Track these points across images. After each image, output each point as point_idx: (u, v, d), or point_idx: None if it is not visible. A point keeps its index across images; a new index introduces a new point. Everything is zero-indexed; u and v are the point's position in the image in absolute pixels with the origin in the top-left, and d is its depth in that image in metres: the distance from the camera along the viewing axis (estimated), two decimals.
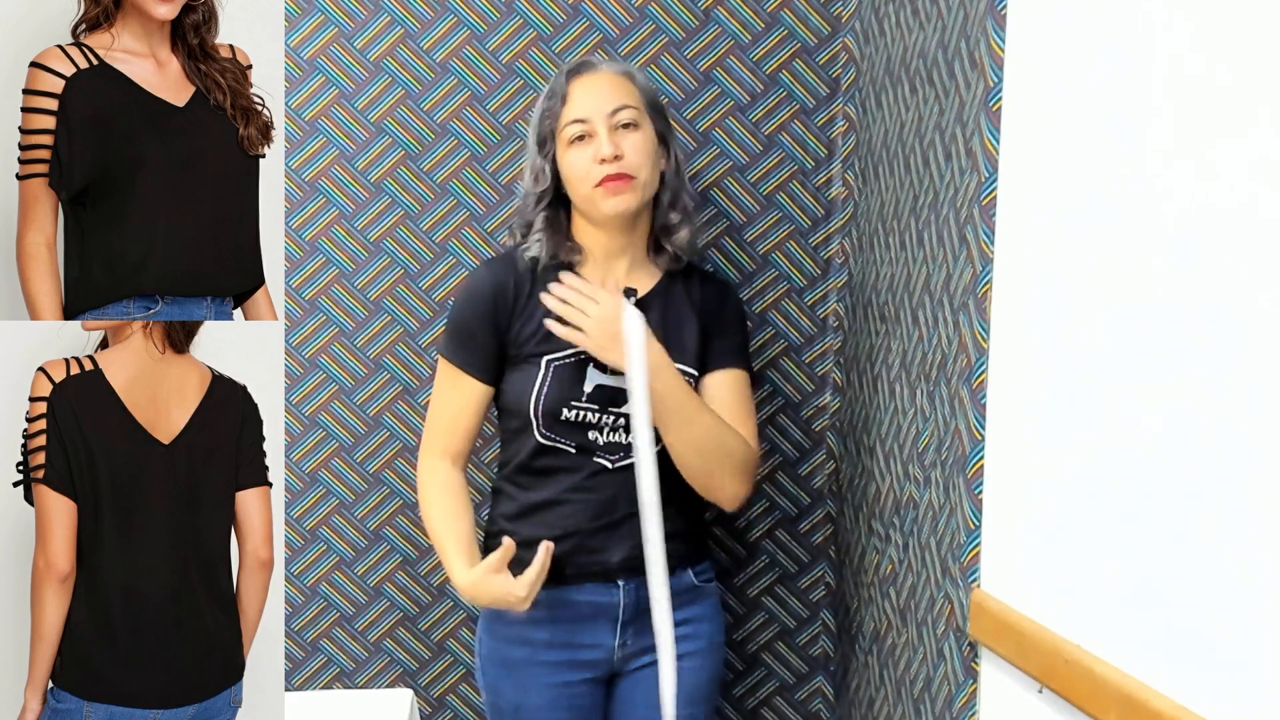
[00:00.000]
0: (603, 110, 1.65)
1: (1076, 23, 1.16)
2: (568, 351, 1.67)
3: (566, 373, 1.67)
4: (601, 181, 1.64)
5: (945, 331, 1.48)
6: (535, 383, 1.67)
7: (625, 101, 1.67)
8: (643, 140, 1.67)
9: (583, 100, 1.67)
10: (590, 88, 1.68)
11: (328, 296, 2.03)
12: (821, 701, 2.13)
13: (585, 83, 1.69)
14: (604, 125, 1.65)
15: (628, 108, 1.67)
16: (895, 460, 1.69)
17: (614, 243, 1.73)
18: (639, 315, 1.62)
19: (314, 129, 2.00)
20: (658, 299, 1.74)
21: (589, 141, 1.65)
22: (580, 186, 1.67)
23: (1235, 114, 0.90)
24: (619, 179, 1.64)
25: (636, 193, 1.66)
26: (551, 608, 1.70)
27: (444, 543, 1.69)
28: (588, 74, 1.70)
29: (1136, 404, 1.03)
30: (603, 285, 1.69)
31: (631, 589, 1.70)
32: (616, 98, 1.67)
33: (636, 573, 1.66)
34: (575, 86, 1.68)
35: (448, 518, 1.70)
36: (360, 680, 2.08)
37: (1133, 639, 1.04)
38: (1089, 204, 1.12)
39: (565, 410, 1.67)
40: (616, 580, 1.70)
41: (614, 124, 1.66)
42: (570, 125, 1.66)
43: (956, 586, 1.42)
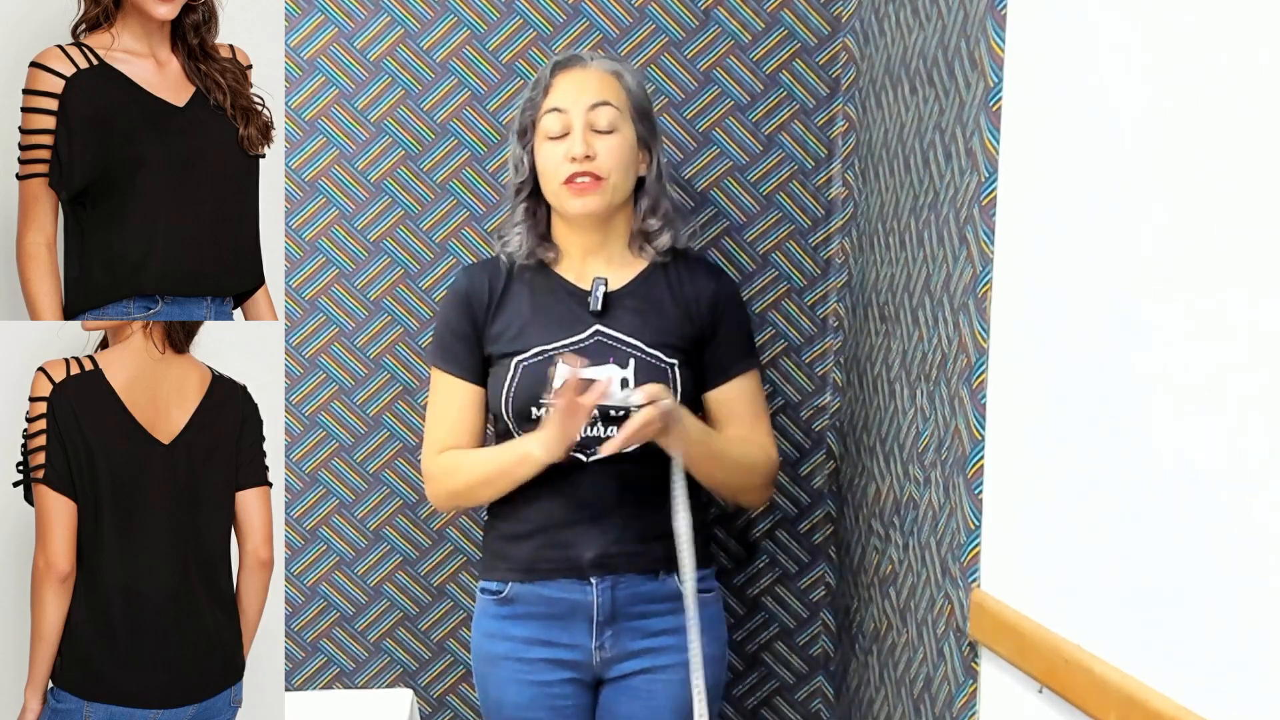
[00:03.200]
0: (582, 104, 1.65)
1: (1076, 23, 1.15)
2: (534, 350, 1.68)
3: (535, 372, 1.67)
4: (569, 179, 1.65)
5: (945, 331, 1.48)
6: (505, 383, 1.69)
7: (606, 98, 1.67)
8: (619, 143, 1.67)
9: (564, 92, 1.68)
10: (575, 81, 1.69)
11: (328, 296, 2.03)
12: (821, 701, 2.13)
13: (571, 76, 1.69)
14: (580, 120, 1.65)
15: (608, 105, 1.66)
16: (895, 460, 1.69)
17: (589, 240, 1.73)
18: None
19: (314, 129, 2.00)
20: (636, 290, 1.74)
21: (564, 139, 1.66)
22: (550, 182, 1.68)
23: (1235, 114, 0.90)
24: (587, 179, 1.64)
25: (604, 195, 1.66)
26: (528, 604, 1.71)
27: (498, 454, 1.68)
28: (575, 68, 1.70)
29: (1136, 404, 1.03)
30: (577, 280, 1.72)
31: (605, 588, 1.69)
32: (598, 93, 1.67)
33: (609, 571, 1.68)
34: (560, 78, 1.69)
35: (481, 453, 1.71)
36: (360, 680, 2.08)
37: (1133, 639, 1.04)
38: (1089, 204, 1.12)
39: (535, 409, 1.67)
40: (589, 578, 1.69)
41: (591, 122, 1.65)
42: (549, 115, 1.67)
43: (956, 586, 1.42)
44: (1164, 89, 1.00)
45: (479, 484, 1.71)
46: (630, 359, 1.68)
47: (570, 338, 1.69)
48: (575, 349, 1.66)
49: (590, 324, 1.70)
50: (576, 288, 1.73)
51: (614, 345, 1.69)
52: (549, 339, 1.69)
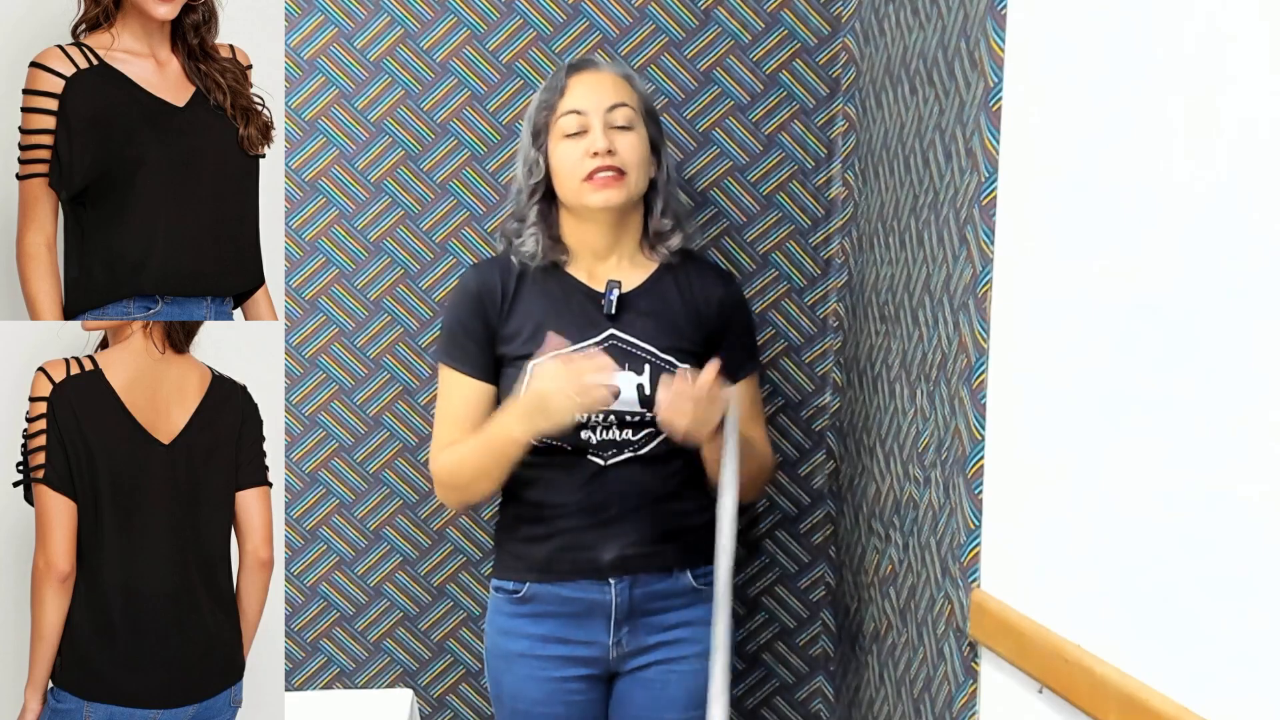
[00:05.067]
0: (601, 105, 1.67)
1: (1076, 23, 1.16)
2: (551, 354, 1.67)
3: None
4: (591, 174, 1.66)
5: (945, 331, 1.48)
6: (523, 386, 1.68)
7: (623, 100, 1.69)
8: (637, 141, 1.69)
9: (582, 94, 1.69)
10: (590, 83, 1.70)
11: (328, 296, 2.03)
12: (821, 701, 2.13)
13: (585, 78, 1.71)
14: (599, 120, 1.66)
15: (625, 106, 1.68)
16: (895, 460, 1.69)
17: (601, 241, 1.73)
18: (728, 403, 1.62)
19: (314, 129, 2.00)
20: (648, 292, 1.74)
21: (582, 136, 1.66)
22: (569, 180, 1.68)
23: (1235, 114, 0.90)
24: (610, 173, 1.65)
25: (626, 189, 1.67)
26: (546, 603, 1.72)
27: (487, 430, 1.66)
28: (588, 71, 1.72)
29: (1137, 404, 1.03)
30: (589, 281, 1.73)
31: (624, 587, 1.71)
32: (615, 95, 1.69)
33: (627, 571, 1.70)
34: (575, 81, 1.70)
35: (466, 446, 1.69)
36: (360, 680, 2.08)
37: (1133, 639, 1.04)
38: (1089, 204, 1.12)
39: None
40: (608, 579, 1.71)
41: (609, 120, 1.67)
42: (566, 116, 1.67)
43: (956, 586, 1.42)
44: (1164, 88, 1.00)
45: (477, 477, 1.71)
46: (645, 364, 1.69)
47: (585, 341, 1.69)
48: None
49: (605, 327, 1.71)
50: (590, 289, 1.74)
51: (628, 350, 1.70)
52: (564, 342, 1.69)
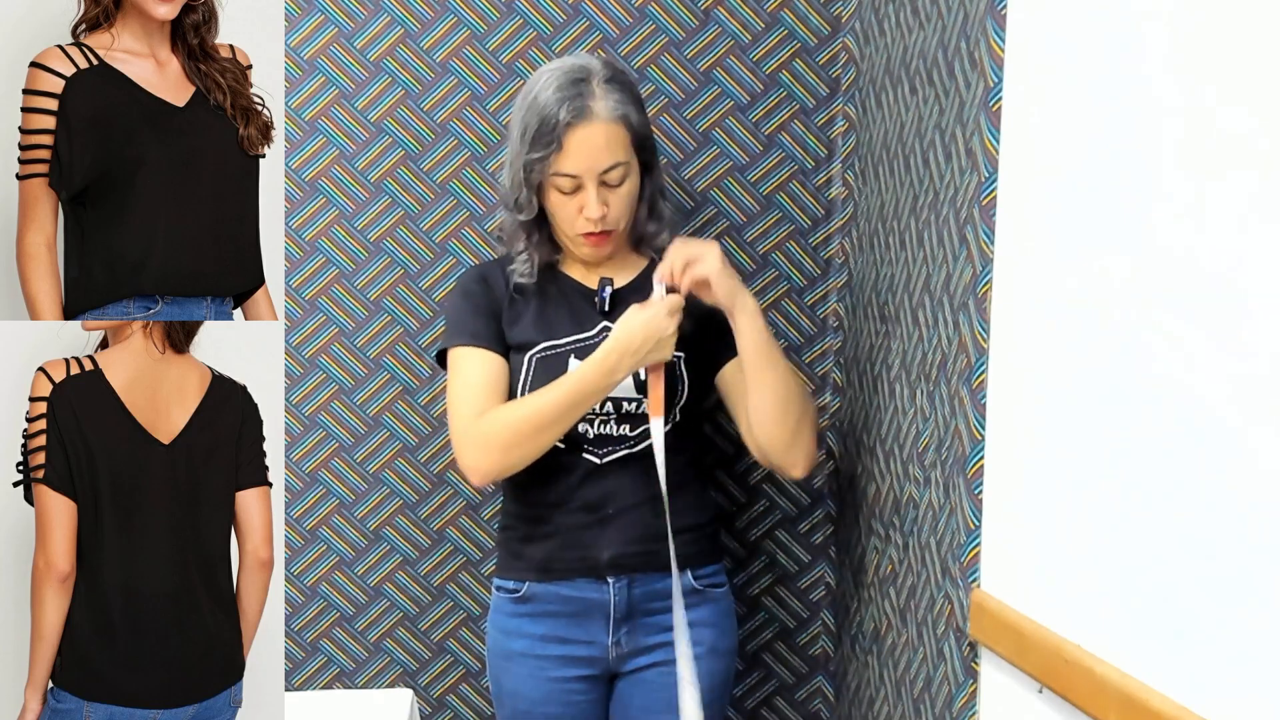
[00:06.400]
0: (595, 169, 1.66)
1: (1076, 23, 1.15)
2: (545, 345, 1.71)
3: (548, 365, 1.69)
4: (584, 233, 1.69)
5: (945, 331, 1.48)
6: (520, 375, 1.71)
7: (617, 159, 1.66)
8: (627, 191, 1.70)
9: (577, 155, 1.65)
10: (586, 142, 1.65)
11: (328, 296, 2.03)
12: (821, 701, 2.13)
13: (581, 135, 1.64)
14: (593, 183, 1.66)
15: (618, 166, 1.67)
16: (895, 460, 1.69)
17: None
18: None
19: (314, 129, 2.00)
20: (640, 288, 1.75)
21: (577, 195, 1.67)
22: (562, 225, 1.71)
23: (1236, 113, 0.90)
24: (601, 234, 1.69)
25: (615, 242, 1.73)
26: (545, 603, 1.73)
27: (580, 371, 1.63)
28: (584, 125, 1.64)
29: (1136, 404, 1.03)
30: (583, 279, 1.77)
31: (622, 586, 1.72)
32: (610, 155, 1.66)
33: (625, 571, 1.71)
34: (571, 139, 1.64)
35: (546, 389, 1.65)
36: (360, 680, 2.08)
37: (1133, 639, 1.04)
38: (1089, 204, 1.12)
39: None
40: (606, 578, 1.71)
41: (603, 181, 1.67)
42: (561, 179, 1.66)
43: (956, 586, 1.42)
44: (1164, 88, 1.00)
45: (548, 424, 1.64)
46: None
47: (580, 334, 1.72)
48: (585, 345, 1.69)
49: (598, 322, 1.73)
50: (584, 286, 1.77)
51: None
52: (560, 334, 1.72)
